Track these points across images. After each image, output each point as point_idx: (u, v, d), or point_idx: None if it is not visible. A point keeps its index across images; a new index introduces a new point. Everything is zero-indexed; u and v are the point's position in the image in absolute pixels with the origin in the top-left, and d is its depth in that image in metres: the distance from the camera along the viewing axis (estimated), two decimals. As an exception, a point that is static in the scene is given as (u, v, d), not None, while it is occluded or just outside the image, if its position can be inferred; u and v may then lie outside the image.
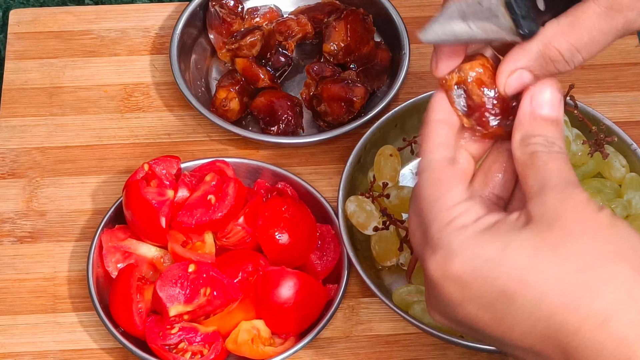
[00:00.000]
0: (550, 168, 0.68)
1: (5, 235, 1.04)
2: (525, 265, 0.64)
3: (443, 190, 0.69)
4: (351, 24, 1.10)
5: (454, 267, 0.66)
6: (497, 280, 0.65)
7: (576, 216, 0.65)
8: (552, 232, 0.65)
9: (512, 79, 0.71)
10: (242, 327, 0.95)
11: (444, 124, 0.72)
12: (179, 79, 1.09)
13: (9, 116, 1.11)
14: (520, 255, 0.65)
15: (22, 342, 0.99)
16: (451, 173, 0.70)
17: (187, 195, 0.98)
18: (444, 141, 0.71)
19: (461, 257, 0.66)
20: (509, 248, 0.65)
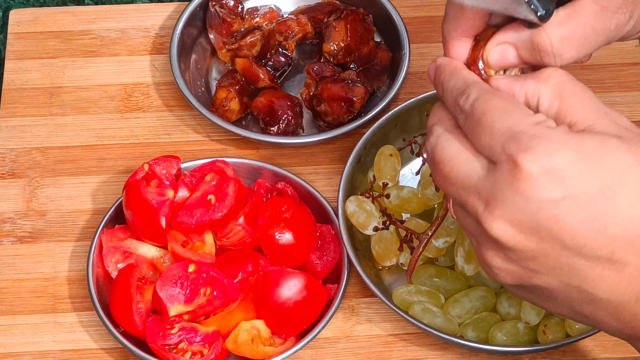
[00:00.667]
0: (590, 96, 0.68)
1: (5, 235, 1.04)
2: (624, 166, 0.64)
3: (516, 102, 0.68)
4: (351, 24, 1.10)
5: (557, 160, 0.64)
6: (598, 177, 0.64)
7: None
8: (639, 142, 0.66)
9: (496, 49, 0.72)
10: (242, 327, 0.95)
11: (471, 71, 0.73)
12: (179, 79, 1.09)
13: (9, 116, 1.11)
14: (619, 157, 0.65)
15: (22, 342, 0.99)
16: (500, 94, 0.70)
17: (187, 195, 0.98)
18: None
19: (564, 151, 0.64)
20: (607, 148, 0.65)
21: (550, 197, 0.64)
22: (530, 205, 0.65)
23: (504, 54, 0.72)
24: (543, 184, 0.64)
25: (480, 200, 0.67)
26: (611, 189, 0.64)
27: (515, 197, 0.65)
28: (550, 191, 0.64)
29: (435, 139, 0.71)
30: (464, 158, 0.69)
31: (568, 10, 0.70)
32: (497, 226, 0.67)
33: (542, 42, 0.70)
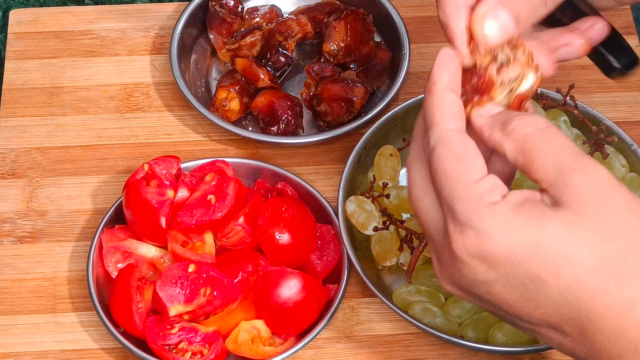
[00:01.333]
0: (555, 146, 0.65)
1: (5, 235, 1.04)
2: (561, 253, 0.63)
3: (466, 164, 0.66)
4: (351, 24, 1.10)
5: (487, 248, 0.64)
6: (531, 265, 0.64)
7: (605, 199, 0.64)
8: (586, 219, 0.63)
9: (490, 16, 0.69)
10: (242, 327, 0.95)
11: (451, 91, 0.69)
12: (179, 79, 1.09)
13: (9, 116, 1.11)
14: (557, 243, 0.63)
15: (22, 342, 0.99)
16: (469, 145, 0.67)
17: (187, 195, 0.98)
18: (456, 109, 0.68)
19: (495, 238, 0.64)
20: (545, 234, 0.63)
21: (483, 278, 0.66)
22: (467, 280, 0.67)
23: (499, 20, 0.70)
24: (474, 267, 0.65)
25: (434, 252, 0.69)
26: (540, 278, 0.64)
27: (454, 269, 0.67)
28: (482, 274, 0.65)
29: (410, 162, 0.71)
30: (427, 203, 0.69)
31: None
32: (445, 284, 0.69)
33: None
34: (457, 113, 0.68)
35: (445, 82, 0.69)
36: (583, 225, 0.63)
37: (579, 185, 0.64)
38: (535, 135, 0.66)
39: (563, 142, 0.66)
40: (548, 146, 0.65)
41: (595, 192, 0.64)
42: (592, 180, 0.64)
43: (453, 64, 0.70)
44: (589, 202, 0.64)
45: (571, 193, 0.64)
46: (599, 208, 0.63)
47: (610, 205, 0.64)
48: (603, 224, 0.63)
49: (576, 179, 0.64)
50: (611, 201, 0.64)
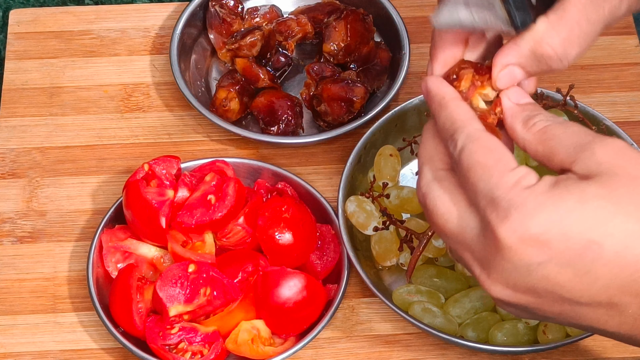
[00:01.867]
0: (572, 131, 0.68)
1: (5, 235, 1.04)
2: (606, 215, 0.64)
3: (498, 155, 0.68)
4: (351, 24, 1.10)
5: (535, 227, 0.64)
6: (581, 233, 0.64)
7: (631, 161, 0.65)
8: (619, 180, 0.65)
9: (503, 73, 0.72)
10: (242, 327, 0.95)
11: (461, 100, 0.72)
12: (179, 79, 1.09)
13: (9, 116, 1.11)
14: (599, 207, 0.64)
15: (22, 342, 0.99)
16: (497, 141, 0.69)
17: (187, 195, 0.98)
18: (474, 115, 0.71)
19: (541, 215, 0.64)
20: (586, 200, 0.64)
21: (537, 261, 0.65)
22: (520, 270, 0.66)
23: (510, 76, 0.72)
24: (525, 251, 0.65)
25: (475, 261, 0.69)
26: (596, 242, 0.64)
27: (503, 263, 0.67)
28: (535, 256, 0.65)
29: (426, 186, 0.72)
30: (457, 213, 0.70)
31: (558, 12, 0.70)
32: (494, 288, 0.69)
33: (546, 51, 0.70)
34: (475, 117, 0.71)
35: (452, 93, 0.72)
36: (618, 184, 0.64)
37: (602, 155, 0.66)
38: (552, 125, 0.69)
39: (579, 128, 0.68)
40: (566, 132, 0.68)
41: (619, 156, 0.66)
42: (612, 148, 0.66)
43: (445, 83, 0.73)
44: (616, 165, 0.65)
45: (597, 163, 0.66)
46: (629, 169, 0.65)
47: (636, 166, 0.65)
48: (635, 180, 0.65)
49: (598, 150, 0.66)
50: (636, 163, 0.66)
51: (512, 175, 0.67)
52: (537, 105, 0.72)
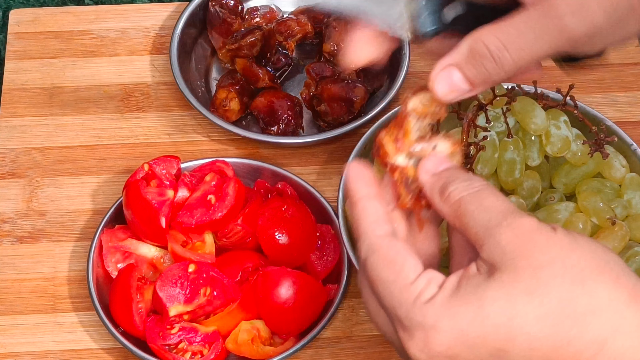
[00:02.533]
0: (485, 206, 0.64)
1: (5, 235, 1.04)
2: (506, 318, 0.62)
3: (397, 268, 0.65)
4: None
5: (438, 343, 0.63)
6: (485, 342, 0.62)
7: (536, 247, 0.62)
8: (520, 274, 0.62)
9: (441, 75, 0.68)
10: (242, 327, 0.95)
11: (372, 198, 0.69)
12: (179, 79, 1.09)
13: (9, 116, 1.11)
14: (499, 310, 0.62)
15: (22, 342, 0.99)
16: (399, 247, 0.66)
17: (187, 195, 0.98)
18: (380, 216, 0.68)
19: (441, 331, 0.63)
20: (485, 305, 0.62)
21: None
22: None
23: (448, 78, 0.68)
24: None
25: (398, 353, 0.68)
26: (501, 350, 0.62)
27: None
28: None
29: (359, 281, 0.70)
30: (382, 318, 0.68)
31: (504, 18, 0.67)
32: None
33: (480, 49, 0.67)
34: (381, 219, 0.68)
35: (363, 191, 0.69)
36: (519, 285, 0.62)
37: (507, 242, 0.63)
38: (467, 198, 0.66)
39: (493, 202, 0.65)
40: (478, 208, 0.65)
41: (524, 245, 0.62)
42: (517, 234, 0.63)
43: (364, 172, 0.70)
44: (519, 257, 0.62)
45: (501, 252, 0.63)
46: (532, 258, 0.62)
47: (544, 250, 0.62)
48: (539, 272, 0.62)
49: (504, 236, 0.63)
50: (545, 247, 0.62)
51: (412, 290, 0.64)
52: (456, 170, 0.68)
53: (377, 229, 0.68)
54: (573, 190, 1.01)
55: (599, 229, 0.97)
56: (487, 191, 0.66)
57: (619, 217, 0.97)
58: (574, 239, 0.63)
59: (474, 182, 0.67)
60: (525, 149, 1.00)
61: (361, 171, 0.70)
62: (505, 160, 0.99)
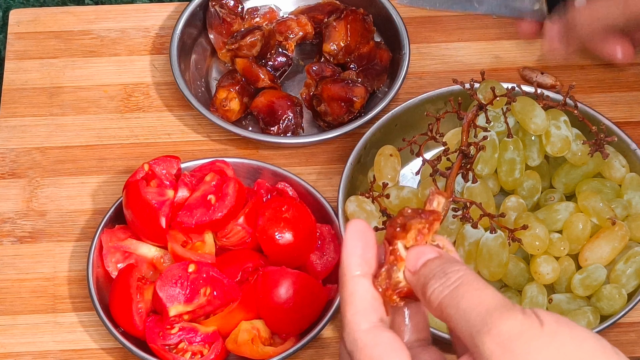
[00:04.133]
0: (463, 310, 0.61)
1: (5, 235, 1.04)
2: None
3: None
4: (351, 24, 1.10)
5: None
6: None
7: (520, 358, 0.59)
8: None
9: None
10: (242, 327, 0.95)
11: (363, 279, 0.65)
12: (179, 79, 1.09)
13: (9, 116, 1.11)
14: None
15: (22, 342, 0.99)
16: (384, 345, 0.63)
17: (187, 195, 0.98)
18: (368, 303, 0.65)
19: None
20: None
21: None
22: None
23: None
24: None
25: None
26: None
27: None
28: None
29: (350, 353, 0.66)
30: None
31: None
32: None
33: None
34: (368, 307, 0.65)
35: (355, 269, 0.66)
36: None
37: (491, 353, 0.60)
38: (445, 301, 0.63)
39: (470, 302, 0.62)
40: (458, 312, 0.62)
41: (509, 351, 0.59)
42: (499, 342, 0.60)
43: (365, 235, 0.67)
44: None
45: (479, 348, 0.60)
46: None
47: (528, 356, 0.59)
48: None
49: (487, 346, 0.60)
50: (527, 352, 0.59)
51: None
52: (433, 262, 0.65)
53: (363, 321, 0.64)
54: (573, 190, 1.01)
55: (599, 229, 0.97)
56: (464, 287, 0.63)
57: (619, 217, 0.97)
58: (559, 344, 0.60)
59: (451, 275, 0.63)
60: (525, 149, 1.00)
61: (362, 234, 0.66)
62: (505, 160, 0.99)
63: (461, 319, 0.61)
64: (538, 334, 0.60)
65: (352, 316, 0.64)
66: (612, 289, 0.95)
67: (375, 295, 0.65)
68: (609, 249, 0.96)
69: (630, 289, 0.96)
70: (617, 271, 0.96)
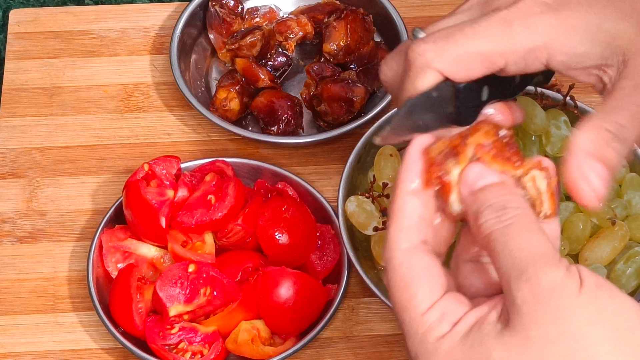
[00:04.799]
0: (509, 250, 0.59)
1: (5, 235, 1.04)
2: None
3: (411, 294, 0.61)
4: (351, 24, 1.10)
5: None
6: None
7: (550, 315, 0.57)
8: (529, 343, 0.57)
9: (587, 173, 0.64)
10: (242, 327, 0.95)
11: (415, 196, 0.63)
12: (179, 79, 1.09)
13: (9, 116, 1.11)
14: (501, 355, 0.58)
15: (22, 342, 0.99)
16: (418, 268, 0.62)
17: (187, 195, 0.98)
18: (413, 222, 0.63)
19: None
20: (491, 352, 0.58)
21: None
22: None
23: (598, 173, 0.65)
24: None
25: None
26: None
27: None
28: None
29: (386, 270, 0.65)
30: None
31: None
32: None
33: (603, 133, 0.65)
34: (413, 226, 0.63)
35: (409, 184, 0.64)
36: (525, 355, 0.58)
37: (523, 302, 0.58)
38: (494, 236, 0.61)
39: (518, 245, 0.60)
40: (503, 252, 0.60)
41: (539, 309, 0.58)
42: (536, 293, 0.58)
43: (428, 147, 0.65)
44: (530, 324, 0.58)
45: (517, 310, 0.58)
46: (541, 331, 0.58)
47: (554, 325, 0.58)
48: (546, 352, 0.57)
49: (521, 293, 0.58)
50: (555, 320, 0.58)
51: (423, 322, 0.61)
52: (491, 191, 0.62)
53: (404, 240, 0.63)
54: (573, 190, 1.01)
55: (599, 229, 0.97)
56: (516, 227, 0.60)
57: (619, 217, 0.97)
58: (595, 310, 0.58)
59: (507, 212, 0.61)
60: (525, 149, 1.00)
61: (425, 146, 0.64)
62: (505, 160, 0.99)
63: (505, 258, 0.59)
64: (574, 295, 0.58)
65: (394, 233, 0.63)
66: (612, 289, 0.95)
67: (423, 216, 0.63)
68: (609, 249, 0.96)
69: (630, 289, 0.96)
70: (617, 271, 0.96)
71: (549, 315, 0.57)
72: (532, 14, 0.66)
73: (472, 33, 0.66)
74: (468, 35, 0.66)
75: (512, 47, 0.66)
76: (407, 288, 0.61)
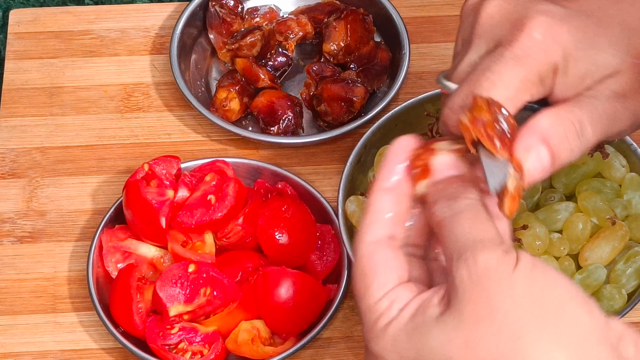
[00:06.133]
0: (454, 234, 0.62)
1: (5, 235, 1.04)
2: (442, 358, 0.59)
3: (367, 283, 0.63)
4: (351, 24, 1.10)
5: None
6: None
7: (483, 294, 0.59)
8: (463, 322, 0.59)
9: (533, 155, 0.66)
10: (242, 327, 0.95)
11: (389, 193, 0.66)
12: (179, 79, 1.09)
13: (9, 116, 1.11)
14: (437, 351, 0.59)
15: (22, 342, 0.99)
16: (379, 259, 0.64)
17: (187, 195, 0.98)
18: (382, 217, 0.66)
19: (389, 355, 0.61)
20: (425, 347, 0.60)
21: None
22: None
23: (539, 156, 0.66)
24: None
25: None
26: None
27: None
28: None
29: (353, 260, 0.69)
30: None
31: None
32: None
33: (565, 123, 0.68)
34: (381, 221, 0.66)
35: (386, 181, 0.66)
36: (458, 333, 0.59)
37: (461, 282, 0.60)
38: (444, 222, 0.63)
39: (463, 230, 0.62)
40: (449, 236, 0.62)
41: (474, 288, 0.59)
42: (472, 272, 0.59)
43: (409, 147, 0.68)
44: (465, 302, 0.59)
45: (455, 291, 0.60)
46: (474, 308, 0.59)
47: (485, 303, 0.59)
48: (477, 328, 0.58)
49: (459, 272, 0.60)
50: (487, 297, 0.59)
51: (375, 310, 0.63)
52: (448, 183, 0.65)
53: (370, 233, 0.65)
54: (573, 190, 1.01)
55: (599, 229, 0.97)
56: (464, 214, 0.63)
57: (619, 217, 0.97)
58: (527, 287, 0.59)
59: (459, 201, 0.64)
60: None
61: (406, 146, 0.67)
62: (505, 160, 0.99)
63: (450, 242, 0.62)
64: (508, 274, 0.59)
65: (363, 227, 0.66)
66: (612, 289, 0.95)
67: (394, 212, 0.66)
68: (609, 249, 0.96)
69: (630, 289, 0.96)
70: (617, 271, 0.96)
71: (482, 294, 0.59)
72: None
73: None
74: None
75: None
76: (364, 278, 0.64)
